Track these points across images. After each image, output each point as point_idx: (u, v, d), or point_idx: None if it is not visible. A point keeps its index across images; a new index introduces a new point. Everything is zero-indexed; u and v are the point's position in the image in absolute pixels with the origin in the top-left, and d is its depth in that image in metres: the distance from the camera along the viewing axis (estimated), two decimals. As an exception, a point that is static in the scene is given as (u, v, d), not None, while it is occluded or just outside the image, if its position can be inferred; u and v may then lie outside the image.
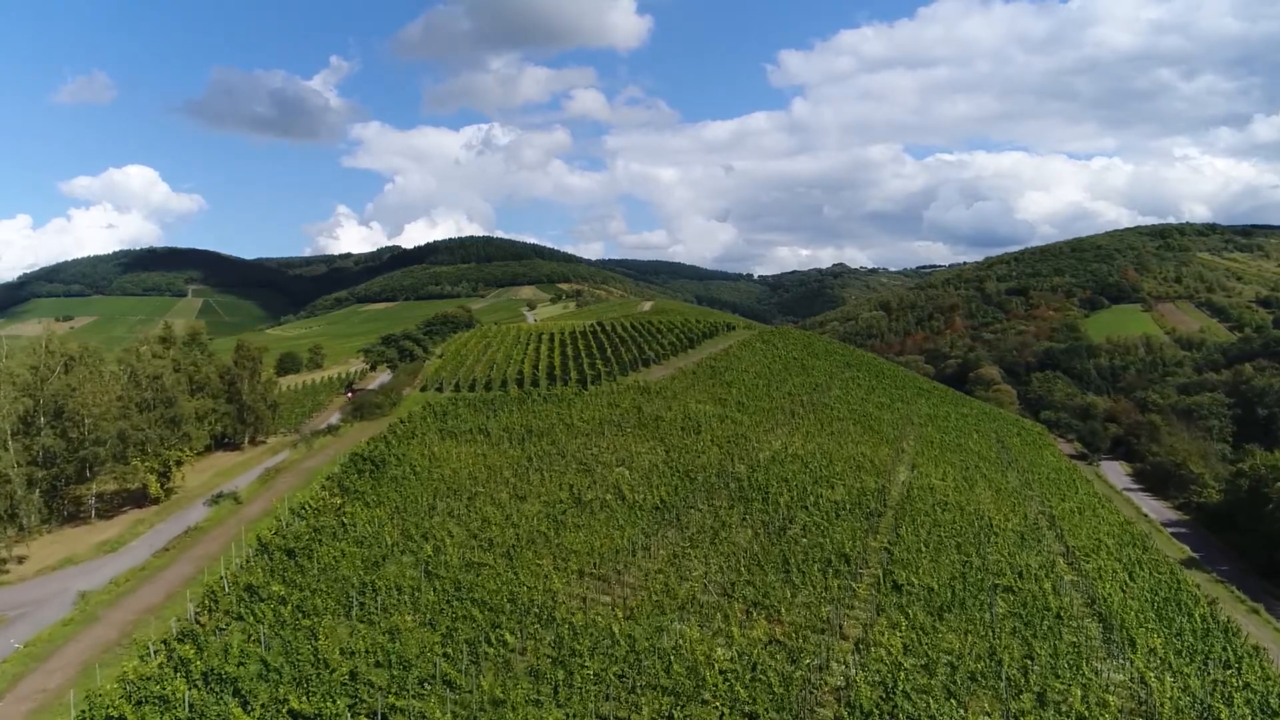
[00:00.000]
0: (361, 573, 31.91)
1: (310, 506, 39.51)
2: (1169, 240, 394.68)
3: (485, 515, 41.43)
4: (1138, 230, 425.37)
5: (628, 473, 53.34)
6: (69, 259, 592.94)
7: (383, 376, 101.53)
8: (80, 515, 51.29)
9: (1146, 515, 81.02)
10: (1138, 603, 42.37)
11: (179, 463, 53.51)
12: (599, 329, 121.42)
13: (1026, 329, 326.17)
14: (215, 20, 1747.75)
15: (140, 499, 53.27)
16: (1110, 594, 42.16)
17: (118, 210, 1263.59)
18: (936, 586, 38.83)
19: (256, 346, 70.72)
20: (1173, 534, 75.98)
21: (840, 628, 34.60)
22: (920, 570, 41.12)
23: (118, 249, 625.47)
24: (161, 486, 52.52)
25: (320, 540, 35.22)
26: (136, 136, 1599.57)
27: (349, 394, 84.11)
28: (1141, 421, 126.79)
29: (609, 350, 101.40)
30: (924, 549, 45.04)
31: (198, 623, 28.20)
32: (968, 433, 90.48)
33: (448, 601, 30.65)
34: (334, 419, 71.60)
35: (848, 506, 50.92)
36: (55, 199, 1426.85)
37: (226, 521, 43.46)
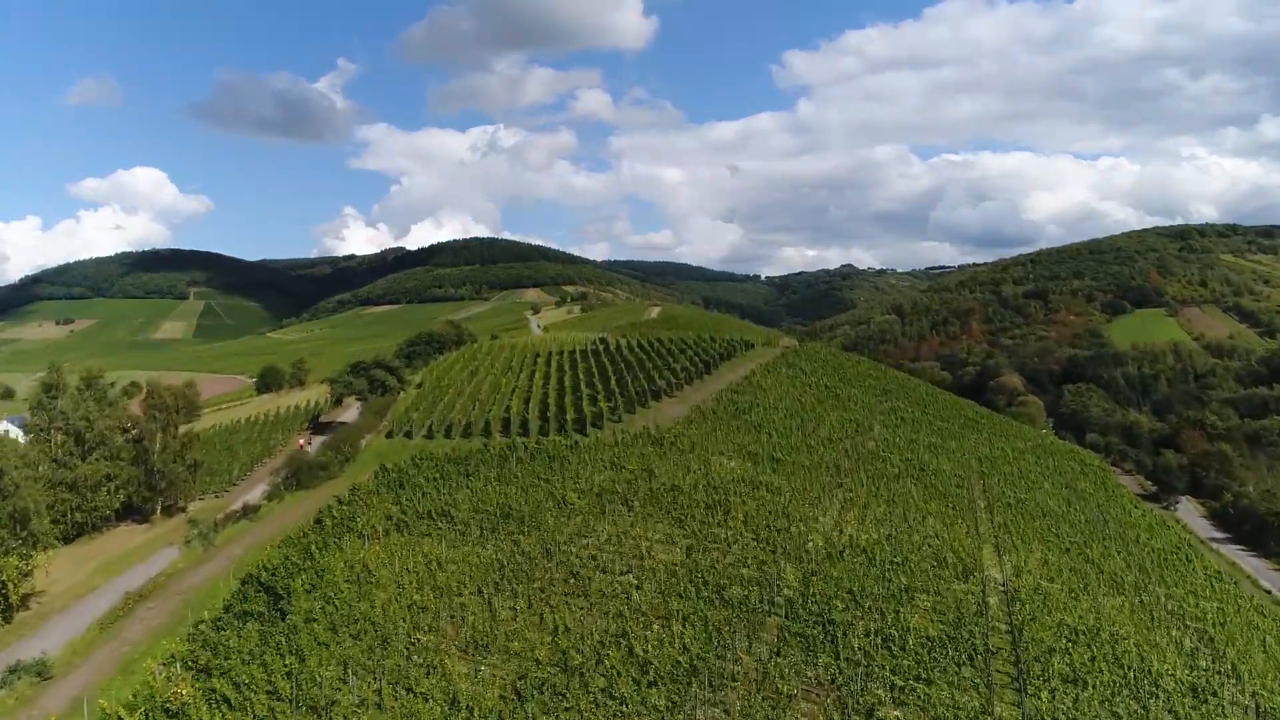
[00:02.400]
0: None
1: (121, 717, 24.20)
2: (1189, 242, 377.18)
3: (417, 709, 26.24)
4: (1156, 231, 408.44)
5: (636, 587, 38.16)
6: (72, 261, 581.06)
7: (354, 409, 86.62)
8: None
9: (1268, 591, 65.50)
10: None
11: (25, 573, 38.55)
12: (603, 348, 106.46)
13: (1047, 334, 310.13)
14: (219, 23, 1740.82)
15: (-25, 619, 38.41)
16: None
17: (125, 212, 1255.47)
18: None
19: (167, 389, 55.60)
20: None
21: None
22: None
23: (121, 251, 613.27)
24: (-4, 607, 37.65)
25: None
26: (144, 138, 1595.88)
27: (302, 442, 68.90)
28: (1212, 451, 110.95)
29: (613, 379, 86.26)
30: (1077, 731, 29.81)
31: None
32: (1037, 482, 74.99)
33: None
34: (257, 492, 54.93)
35: (944, 642, 35.65)
36: (64, 201, 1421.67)
37: (4, 728, 28.51)
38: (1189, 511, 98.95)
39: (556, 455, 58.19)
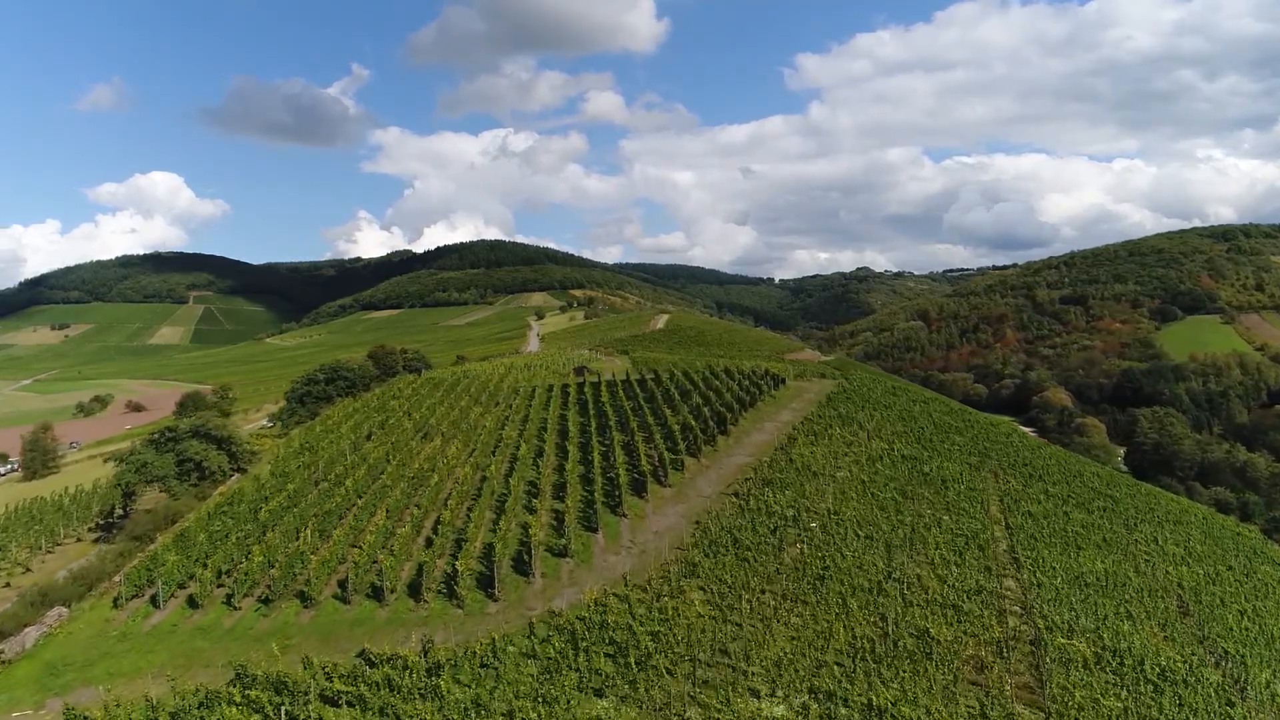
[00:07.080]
0: None
1: None
2: (1235, 243, 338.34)
3: None
4: (1198, 231, 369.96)
5: None
6: (72, 265, 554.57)
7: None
8: None
9: None
10: None
11: None
12: (577, 389, 73.86)
13: (1091, 344, 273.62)
14: (229, 29, 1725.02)
15: None
16: None
17: (142, 216, 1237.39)
18: None
19: None
20: None
21: None
22: None
23: (123, 254, 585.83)
24: None
25: None
26: (160, 144, 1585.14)
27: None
28: None
29: (575, 450, 53.19)
30: None
31: None
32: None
33: None
34: None
35: None
36: (83, 205, 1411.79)
37: None
38: None
39: (394, 701, 25.03)
